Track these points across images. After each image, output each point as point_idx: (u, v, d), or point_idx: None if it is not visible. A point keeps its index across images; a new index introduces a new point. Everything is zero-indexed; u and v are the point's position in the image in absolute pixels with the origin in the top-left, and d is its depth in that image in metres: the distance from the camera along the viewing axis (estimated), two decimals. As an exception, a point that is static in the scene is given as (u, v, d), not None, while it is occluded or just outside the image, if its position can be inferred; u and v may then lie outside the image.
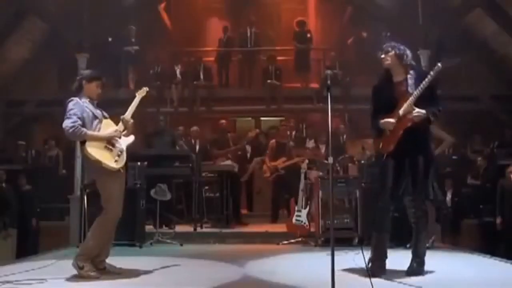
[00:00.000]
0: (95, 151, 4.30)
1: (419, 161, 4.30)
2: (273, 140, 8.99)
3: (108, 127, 4.49)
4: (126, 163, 4.52)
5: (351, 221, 6.50)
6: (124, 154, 4.47)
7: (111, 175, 4.36)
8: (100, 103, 4.67)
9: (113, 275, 4.36)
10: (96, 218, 4.46)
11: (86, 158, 4.35)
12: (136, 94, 4.86)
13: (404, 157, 4.31)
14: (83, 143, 4.34)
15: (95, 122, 4.43)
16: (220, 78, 11.73)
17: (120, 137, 4.50)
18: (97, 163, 4.29)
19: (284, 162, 8.58)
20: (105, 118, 4.56)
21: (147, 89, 4.96)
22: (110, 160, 4.33)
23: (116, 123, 4.59)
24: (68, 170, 10.01)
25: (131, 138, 4.64)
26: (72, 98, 4.46)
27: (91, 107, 4.48)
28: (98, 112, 4.52)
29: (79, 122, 4.30)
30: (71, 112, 4.34)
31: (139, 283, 4.22)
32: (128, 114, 4.64)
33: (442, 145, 6.73)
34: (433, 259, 5.29)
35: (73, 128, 4.26)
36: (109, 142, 4.40)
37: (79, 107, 4.38)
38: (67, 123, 4.29)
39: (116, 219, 4.41)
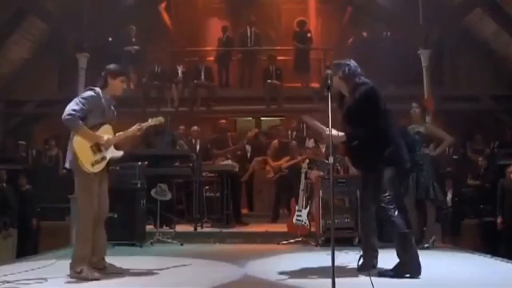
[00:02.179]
0: (80, 145, 4.26)
1: (368, 177, 4.43)
2: (276, 140, 9.01)
3: (104, 132, 4.43)
4: (107, 170, 4.49)
5: (351, 221, 6.49)
6: (105, 163, 4.42)
7: (88, 175, 4.30)
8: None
9: (113, 275, 4.36)
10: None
11: (71, 147, 4.32)
12: (149, 119, 4.76)
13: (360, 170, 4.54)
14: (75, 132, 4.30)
15: (98, 120, 4.39)
16: (220, 78, 11.73)
17: (107, 148, 4.44)
18: (75, 158, 4.26)
19: (287, 161, 8.59)
20: (109, 121, 4.50)
21: (162, 119, 4.90)
22: (87, 161, 4.28)
23: (118, 124, 4.57)
24: (68, 170, 9.99)
25: (119, 153, 4.58)
26: (95, 89, 4.41)
27: (107, 105, 4.45)
28: (108, 112, 4.49)
29: (80, 114, 4.24)
30: (83, 101, 4.29)
31: (139, 283, 4.22)
32: (145, 125, 4.64)
33: (442, 145, 6.72)
34: (434, 259, 5.30)
35: (71, 116, 4.21)
36: (97, 145, 4.36)
37: (95, 101, 4.33)
38: (70, 108, 4.24)
39: (91, 213, 4.31)
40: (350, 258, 4.87)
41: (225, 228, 7.67)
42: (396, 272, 4.21)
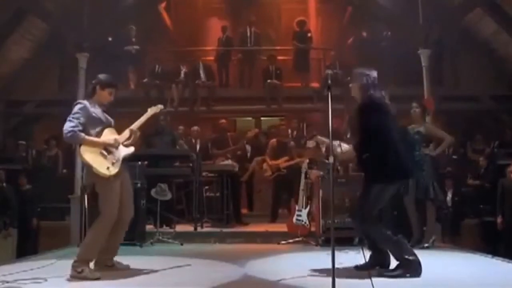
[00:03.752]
0: (88, 155, 4.31)
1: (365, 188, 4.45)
2: (274, 140, 9.01)
3: (109, 135, 4.49)
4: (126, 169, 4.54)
5: (352, 221, 6.48)
6: (119, 163, 4.47)
7: (107, 179, 4.35)
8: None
9: (113, 275, 4.35)
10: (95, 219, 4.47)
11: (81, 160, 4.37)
12: (148, 109, 4.83)
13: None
14: (80, 145, 4.35)
15: (99, 128, 4.44)
16: (220, 78, 11.74)
17: (117, 148, 4.49)
18: (89, 167, 4.32)
19: (287, 161, 8.58)
20: (110, 126, 4.55)
21: (162, 107, 4.96)
22: (101, 166, 4.33)
23: (118, 124, 4.59)
24: (68, 170, 10.02)
25: (131, 150, 4.64)
26: (81, 101, 4.49)
27: (99, 112, 4.49)
28: (104, 118, 4.53)
29: (79, 128, 4.31)
30: (75, 116, 4.34)
31: (140, 282, 4.22)
32: (135, 126, 4.66)
33: (442, 144, 6.71)
34: (434, 259, 5.30)
35: (71, 133, 4.27)
36: (105, 149, 4.40)
37: (84, 112, 4.38)
38: (67, 126, 4.30)
39: (111, 221, 4.38)
40: (350, 258, 4.86)
41: (225, 228, 7.68)
42: (397, 273, 4.22)
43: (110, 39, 11.40)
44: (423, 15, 9.60)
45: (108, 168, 4.35)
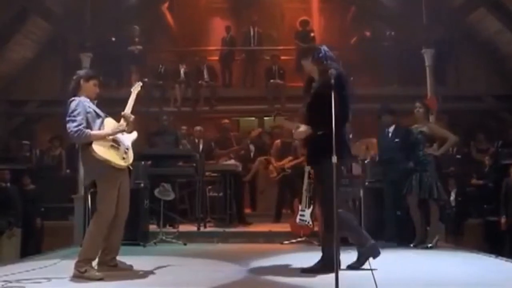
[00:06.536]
0: (102, 150, 4.25)
1: (316, 172, 4.46)
2: (278, 140, 8.99)
3: (110, 125, 4.45)
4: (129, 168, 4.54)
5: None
6: (131, 151, 4.48)
7: (112, 176, 4.32)
8: (102, 103, 4.63)
9: (115, 276, 4.36)
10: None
11: (92, 158, 4.25)
12: (132, 90, 4.82)
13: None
14: (87, 143, 4.27)
15: (98, 120, 4.38)
16: (223, 78, 11.75)
17: (124, 132, 4.48)
18: (107, 163, 4.24)
19: (291, 161, 8.57)
20: (106, 117, 4.53)
21: (141, 83, 4.98)
22: (117, 158, 4.32)
23: (118, 122, 4.58)
24: (71, 170, 10.04)
25: (135, 135, 4.64)
26: (73, 98, 4.38)
27: (92, 105, 4.44)
28: (99, 111, 4.49)
29: (84, 124, 4.23)
30: (75, 113, 4.25)
31: (142, 282, 4.22)
32: (127, 110, 4.62)
33: (445, 144, 6.69)
34: (437, 259, 5.29)
35: (78, 132, 4.20)
36: (115, 141, 4.37)
37: (81, 107, 4.30)
38: (71, 126, 4.22)
39: (108, 218, 4.33)
40: (353, 257, 4.85)
41: (228, 228, 7.68)
42: (360, 261, 4.45)
43: (113, 39, 11.43)
44: (426, 15, 9.59)
45: (124, 158, 4.36)
